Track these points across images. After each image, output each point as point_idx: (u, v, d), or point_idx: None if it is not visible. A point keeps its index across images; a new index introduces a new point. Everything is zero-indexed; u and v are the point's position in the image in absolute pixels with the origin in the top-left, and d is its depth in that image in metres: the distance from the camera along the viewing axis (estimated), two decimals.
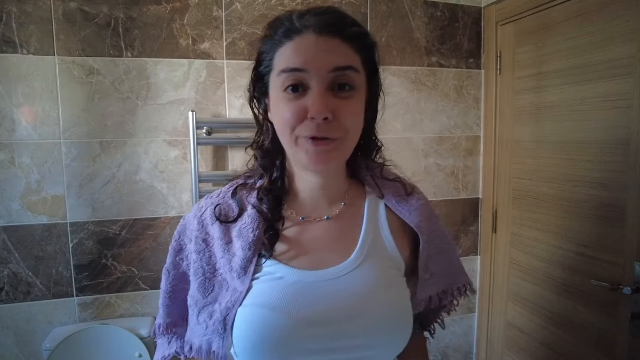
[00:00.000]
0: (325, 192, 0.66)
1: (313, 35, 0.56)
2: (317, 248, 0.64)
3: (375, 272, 0.63)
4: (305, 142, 0.56)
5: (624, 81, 1.19)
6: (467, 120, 1.78)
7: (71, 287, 1.42)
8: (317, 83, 0.55)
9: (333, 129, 0.56)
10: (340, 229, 0.66)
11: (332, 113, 0.54)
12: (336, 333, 0.58)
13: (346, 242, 0.65)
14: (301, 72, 0.55)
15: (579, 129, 1.34)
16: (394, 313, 0.62)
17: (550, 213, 1.46)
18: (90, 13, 1.36)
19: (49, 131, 1.36)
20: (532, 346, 1.56)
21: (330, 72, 0.55)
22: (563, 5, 1.37)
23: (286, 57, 0.56)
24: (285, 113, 0.56)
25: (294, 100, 0.56)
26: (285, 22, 0.58)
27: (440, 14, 1.70)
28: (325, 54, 0.55)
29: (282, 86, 0.56)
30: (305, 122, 0.55)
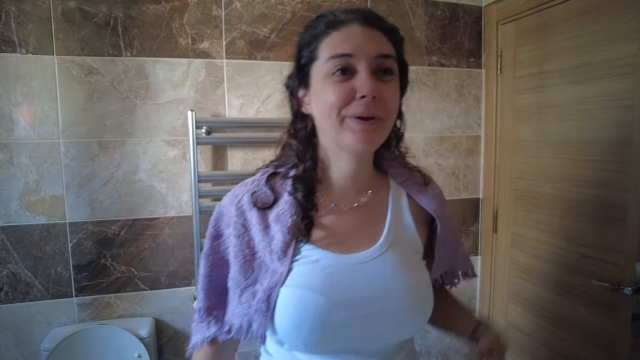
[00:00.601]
0: (355, 180, 0.71)
1: (358, 25, 0.63)
2: (348, 234, 0.69)
3: (400, 256, 0.68)
4: (352, 122, 0.61)
5: (625, 81, 1.18)
6: (467, 120, 1.77)
7: (70, 288, 1.42)
8: (365, 67, 0.60)
9: (379, 108, 0.61)
10: (368, 216, 0.71)
11: (379, 93, 0.60)
12: (366, 312, 0.63)
13: (374, 229, 0.70)
14: (350, 57, 0.61)
15: (580, 129, 1.34)
16: (417, 293, 0.67)
17: (551, 213, 1.46)
18: (90, 12, 1.36)
19: (47, 131, 1.36)
20: (533, 347, 1.56)
21: (376, 57, 0.61)
22: (564, 5, 1.36)
23: (334, 44, 0.62)
24: (334, 95, 0.61)
25: (343, 82, 0.61)
26: (328, 16, 0.65)
27: (441, 13, 1.69)
28: (371, 42, 0.62)
29: (330, 71, 0.61)
30: (354, 102, 0.60)
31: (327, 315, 0.62)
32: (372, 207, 0.72)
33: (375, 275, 0.66)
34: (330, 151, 0.69)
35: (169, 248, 1.49)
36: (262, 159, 1.55)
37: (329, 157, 0.70)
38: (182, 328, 1.54)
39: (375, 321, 0.64)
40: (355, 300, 0.63)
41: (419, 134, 1.71)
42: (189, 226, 1.48)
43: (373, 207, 0.72)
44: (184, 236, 1.50)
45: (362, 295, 0.64)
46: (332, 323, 0.62)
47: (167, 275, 1.50)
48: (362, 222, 0.70)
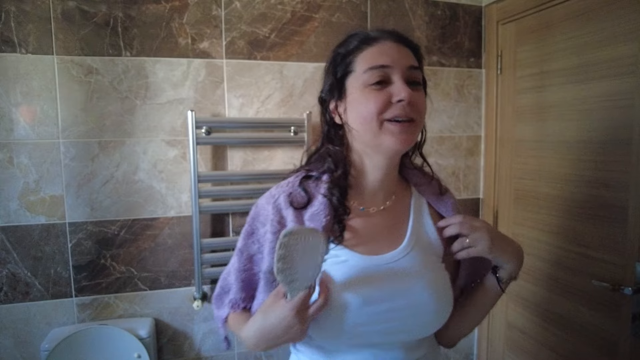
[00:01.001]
0: (384, 185, 0.77)
1: (390, 41, 0.71)
2: (374, 236, 0.74)
3: (421, 258, 0.74)
4: (390, 125, 0.68)
5: (626, 81, 1.18)
6: (468, 120, 1.77)
7: (70, 288, 1.42)
8: (399, 76, 0.68)
9: (412, 110, 0.68)
10: (392, 219, 0.77)
11: (413, 98, 0.67)
12: (392, 307, 0.68)
13: (397, 232, 0.76)
14: (386, 68, 0.68)
15: (580, 129, 1.33)
16: (437, 290, 0.72)
17: (551, 213, 1.46)
18: (89, 12, 1.36)
19: (47, 131, 1.36)
20: (533, 347, 1.56)
21: (408, 69, 0.69)
22: (564, 5, 1.36)
23: (371, 57, 0.69)
24: (373, 102, 0.67)
25: (380, 91, 0.68)
26: (360, 34, 0.72)
27: (441, 13, 1.69)
28: (403, 56, 0.70)
29: (368, 81, 0.68)
30: (391, 107, 0.67)
31: (355, 311, 0.67)
32: (396, 211, 0.78)
33: (400, 274, 0.71)
34: (365, 156, 0.75)
35: (169, 248, 1.49)
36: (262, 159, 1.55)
37: (362, 163, 0.75)
38: (182, 328, 1.53)
39: (400, 315, 0.69)
40: (382, 297, 0.68)
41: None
42: (188, 226, 1.48)
43: (397, 211, 0.78)
44: (183, 236, 1.50)
45: (387, 292, 0.69)
46: (360, 318, 0.67)
47: (166, 276, 1.50)
48: (387, 225, 0.76)
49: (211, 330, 1.56)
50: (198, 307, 1.46)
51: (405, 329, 0.71)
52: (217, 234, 1.54)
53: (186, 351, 1.55)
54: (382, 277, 0.70)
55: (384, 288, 0.69)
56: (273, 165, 1.56)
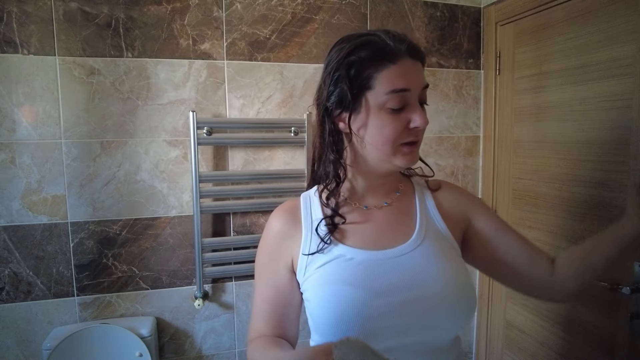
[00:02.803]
0: (384, 184, 0.78)
1: (409, 59, 0.67)
2: (381, 231, 0.74)
3: (434, 249, 0.72)
4: (403, 147, 0.69)
5: (624, 81, 1.19)
6: (466, 120, 1.78)
7: (72, 287, 1.42)
8: (416, 100, 0.68)
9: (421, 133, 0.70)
10: (398, 214, 0.76)
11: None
12: (403, 301, 0.66)
13: (405, 225, 0.75)
14: (407, 91, 0.66)
15: (579, 129, 1.34)
16: (452, 282, 0.69)
17: (550, 213, 1.47)
18: (91, 13, 1.36)
19: (49, 131, 1.36)
20: (532, 346, 1.57)
21: (422, 89, 0.69)
22: (563, 6, 1.37)
23: (393, 79, 0.66)
24: (392, 130, 0.67)
25: (398, 115, 0.67)
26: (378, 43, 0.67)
27: (440, 14, 1.70)
28: (418, 75, 0.68)
29: (386, 104, 0.66)
30: (406, 131, 0.67)
31: (365, 306, 0.65)
32: (402, 205, 0.78)
33: (412, 265, 0.69)
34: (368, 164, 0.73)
35: (170, 247, 1.50)
36: (263, 159, 1.56)
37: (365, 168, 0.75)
38: (183, 327, 1.54)
39: (415, 308, 0.66)
40: (393, 288, 0.66)
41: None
42: (190, 226, 1.49)
43: (402, 205, 0.78)
44: (185, 236, 1.50)
45: (399, 284, 0.67)
46: (371, 313, 0.65)
47: (168, 275, 1.51)
48: (393, 220, 0.75)
49: (212, 329, 1.57)
50: (199, 306, 1.47)
51: (424, 324, 0.67)
52: (218, 234, 1.55)
53: (187, 350, 1.56)
54: (394, 270, 0.68)
55: (395, 280, 0.67)
56: (274, 166, 1.57)
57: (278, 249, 0.75)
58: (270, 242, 0.77)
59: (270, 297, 0.75)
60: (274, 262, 0.76)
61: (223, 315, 1.58)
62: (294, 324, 0.76)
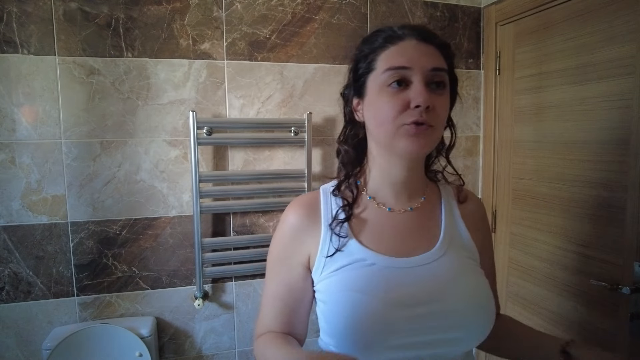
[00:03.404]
0: (408, 185, 0.74)
1: (414, 40, 0.66)
2: (403, 237, 0.71)
3: (457, 261, 0.70)
4: (407, 128, 0.64)
5: (624, 81, 1.19)
6: (466, 120, 1.78)
7: (72, 287, 1.42)
8: (420, 79, 0.64)
9: (431, 117, 0.64)
10: (423, 220, 0.74)
11: (432, 103, 0.64)
12: (422, 314, 0.63)
13: (429, 233, 0.72)
14: (406, 69, 0.64)
15: (579, 129, 1.34)
16: (474, 298, 0.67)
17: (550, 213, 1.47)
18: (91, 13, 1.36)
19: (49, 131, 1.36)
20: None
21: (430, 70, 0.65)
22: (563, 6, 1.37)
23: (392, 57, 0.66)
24: (389, 106, 0.65)
25: (398, 93, 0.65)
26: (386, 31, 0.69)
27: (440, 14, 1.70)
28: (426, 56, 0.65)
29: (386, 82, 0.65)
30: (408, 111, 0.64)
31: (381, 317, 0.63)
32: (426, 212, 0.75)
33: (433, 277, 0.66)
34: (382, 157, 0.72)
35: (170, 247, 1.50)
36: (263, 159, 1.56)
37: (382, 163, 0.73)
38: (183, 327, 1.54)
39: (433, 322, 0.64)
40: (412, 301, 0.64)
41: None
42: (190, 226, 1.49)
43: (427, 212, 0.75)
44: (185, 236, 1.50)
45: (418, 296, 0.64)
46: (387, 324, 0.63)
47: (168, 275, 1.51)
48: (417, 226, 0.73)
49: (212, 328, 1.57)
50: (199, 306, 1.47)
51: (440, 339, 0.64)
52: (218, 234, 1.55)
53: (187, 350, 1.56)
54: (414, 280, 0.66)
55: (415, 291, 0.64)
56: (274, 165, 1.57)
57: (294, 244, 0.72)
58: (286, 236, 0.73)
59: (282, 294, 0.73)
60: (288, 258, 0.73)
61: (223, 315, 1.58)
62: (303, 321, 0.74)
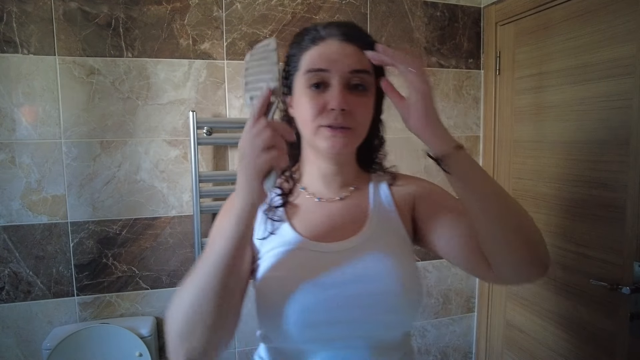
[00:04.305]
0: (338, 177, 0.76)
1: (336, 41, 0.67)
2: (332, 225, 0.74)
3: (383, 243, 0.72)
4: (324, 130, 0.66)
5: (624, 81, 1.19)
6: (466, 120, 1.78)
7: (72, 287, 1.42)
8: (337, 81, 0.65)
9: (348, 119, 0.66)
10: (351, 208, 0.76)
11: (348, 106, 0.65)
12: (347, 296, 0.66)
13: (357, 219, 0.74)
14: (324, 72, 0.66)
15: (578, 129, 1.34)
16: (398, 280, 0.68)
17: (550, 213, 1.47)
18: (91, 13, 1.36)
19: (49, 131, 1.36)
20: (532, 346, 1.57)
21: (348, 73, 0.66)
22: (563, 6, 1.37)
23: (312, 59, 0.67)
24: (309, 106, 0.66)
25: (317, 95, 0.66)
26: (311, 31, 0.70)
27: (440, 14, 1.70)
28: (346, 58, 0.66)
29: (307, 83, 0.67)
30: (325, 113, 0.66)
31: (309, 297, 0.65)
32: (355, 199, 0.77)
33: (359, 260, 0.69)
34: (311, 152, 0.75)
35: (170, 247, 1.50)
36: None
37: (311, 158, 0.76)
38: None
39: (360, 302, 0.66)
40: (338, 281, 0.66)
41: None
42: (189, 226, 1.49)
43: (356, 199, 0.77)
44: (184, 236, 1.50)
45: (347, 277, 0.67)
46: (315, 305, 0.65)
47: (168, 275, 1.51)
48: (346, 213, 0.75)
49: None
50: None
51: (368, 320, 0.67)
52: None
53: None
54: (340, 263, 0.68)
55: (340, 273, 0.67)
56: None
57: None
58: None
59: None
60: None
61: None
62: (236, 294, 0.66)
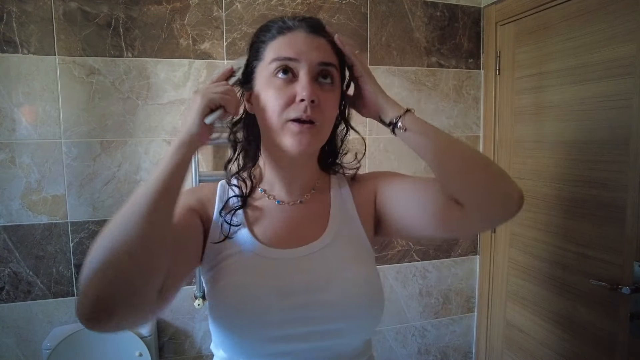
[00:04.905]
0: (299, 179, 0.73)
1: (304, 32, 0.65)
2: (292, 229, 0.71)
3: (343, 251, 0.69)
4: (291, 125, 0.63)
5: (624, 81, 1.19)
6: (466, 120, 1.78)
7: (72, 287, 1.42)
8: (306, 72, 0.63)
9: (316, 113, 0.63)
10: (312, 212, 0.73)
11: (317, 98, 0.62)
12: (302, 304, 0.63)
13: (317, 224, 0.72)
14: (292, 61, 0.63)
15: (578, 129, 1.34)
16: (357, 288, 0.66)
17: (550, 213, 1.47)
18: (91, 13, 1.36)
19: (49, 131, 1.36)
20: (532, 346, 1.57)
21: (318, 64, 0.64)
22: (563, 6, 1.37)
23: (279, 48, 0.64)
24: (275, 98, 0.63)
25: (284, 86, 0.63)
26: (277, 22, 0.67)
27: (440, 14, 1.70)
28: (315, 49, 0.64)
29: (272, 72, 0.64)
30: (293, 105, 0.62)
31: (264, 306, 0.62)
32: (316, 203, 0.74)
33: (319, 267, 0.66)
34: (271, 151, 0.71)
35: None
36: None
37: (272, 155, 0.72)
38: (183, 326, 1.54)
39: (313, 312, 0.63)
40: (297, 289, 0.63)
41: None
42: None
43: (316, 203, 0.74)
44: None
45: (299, 286, 0.64)
46: (271, 314, 0.62)
47: None
48: (306, 217, 0.72)
49: None
50: (199, 305, 1.47)
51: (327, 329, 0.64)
52: None
53: (187, 349, 1.56)
54: (298, 270, 0.65)
55: (298, 281, 0.64)
56: None
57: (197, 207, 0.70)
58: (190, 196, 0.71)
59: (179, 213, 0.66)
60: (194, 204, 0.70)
61: None
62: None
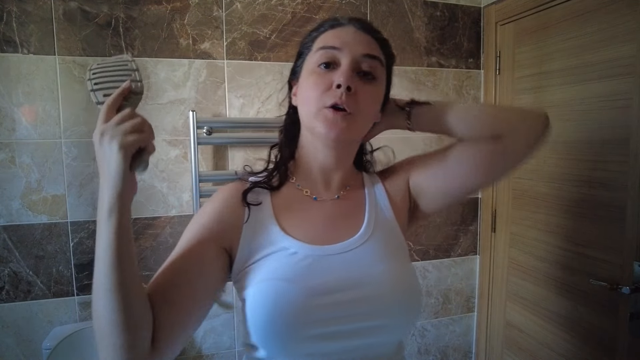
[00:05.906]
0: (334, 174, 0.74)
1: (353, 27, 0.68)
2: (328, 225, 0.71)
3: (381, 246, 0.70)
4: (326, 111, 0.64)
5: (624, 81, 1.19)
6: None
7: (72, 286, 1.42)
8: (347, 62, 0.65)
9: (351, 102, 0.64)
10: (348, 208, 0.74)
11: (354, 87, 0.64)
12: (343, 302, 0.62)
13: (354, 220, 0.72)
14: (336, 49, 0.65)
15: (578, 129, 1.34)
16: (397, 284, 0.66)
17: (549, 213, 1.47)
18: (91, 13, 1.36)
19: (49, 130, 1.36)
20: (532, 346, 1.57)
21: (361, 56, 0.66)
22: (563, 5, 1.37)
23: (326, 38, 0.68)
24: (313, 84, 0.66)
25: (324, 74, 0.66)
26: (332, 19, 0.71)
27: (440, 14, 1.70)
28: (360, 43, 0.67)
29: (316, 62, 0.67)
30: (330, 91, 0.64)
31: (302, 304, 0.61)
32: (351, 199, 0.75)
33: (355, 264, 0.66)
34: (309, 143, 0.73)
35: (170, 247, 1.49)
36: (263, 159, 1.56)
37: (310, 150, 0.73)
38: None
39: (355, 310, 0.62)
40: (332, 288, 0.63)
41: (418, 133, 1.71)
42: None
43: (352, 199, 0.75)
44: None
45: (340, 282, 0.63)
46: (308, 312, 0.61)
47: None
48: (342, 214, 0.73)
49: (212, 328, 1.57)
50: None
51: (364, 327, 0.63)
52: None
53: (187, 349, 1.56)
54: (335, 267, 0.65)
55: (335, 278, 0.63)
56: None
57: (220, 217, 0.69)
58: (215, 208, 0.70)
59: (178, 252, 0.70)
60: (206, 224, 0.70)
61: (223, 314, 1.58)
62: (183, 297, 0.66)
